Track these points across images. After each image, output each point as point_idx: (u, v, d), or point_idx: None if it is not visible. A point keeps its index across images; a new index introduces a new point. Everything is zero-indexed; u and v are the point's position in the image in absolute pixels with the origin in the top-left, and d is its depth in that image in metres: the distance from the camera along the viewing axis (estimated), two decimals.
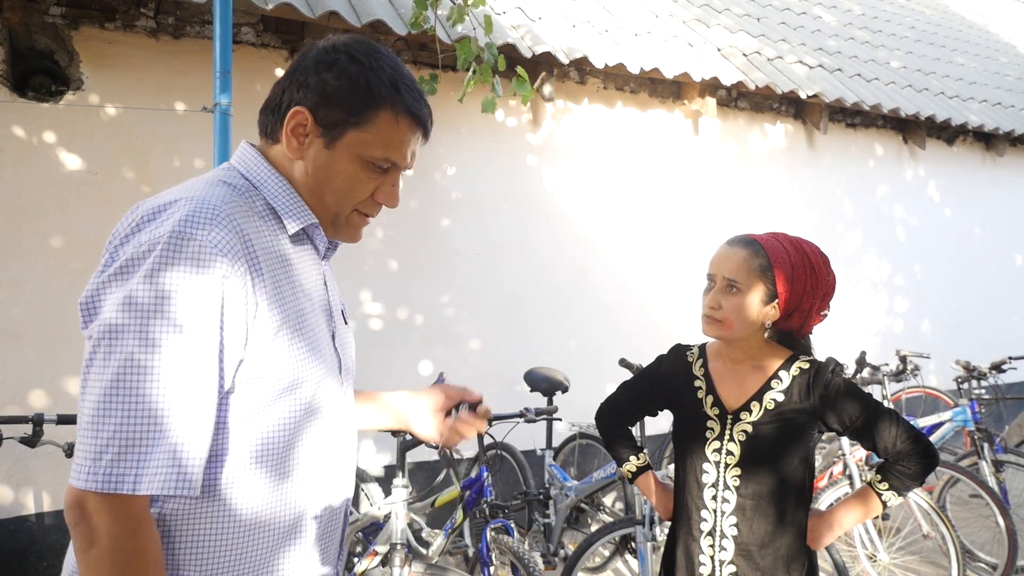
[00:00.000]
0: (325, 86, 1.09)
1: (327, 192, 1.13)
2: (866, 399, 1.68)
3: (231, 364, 1.01)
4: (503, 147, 4.61)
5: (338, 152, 1.10)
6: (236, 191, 1.08)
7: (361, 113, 1.09)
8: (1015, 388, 6.35)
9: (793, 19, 6.89)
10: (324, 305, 1.18)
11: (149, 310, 0.94)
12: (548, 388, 3.84)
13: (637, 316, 5.02)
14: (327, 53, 1.11)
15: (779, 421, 1.67)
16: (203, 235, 0.97)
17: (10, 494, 3.33)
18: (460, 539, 3.45)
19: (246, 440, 1.05)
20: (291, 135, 1.10)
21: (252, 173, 1.13)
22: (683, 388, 1.79)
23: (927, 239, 6.51)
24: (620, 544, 3.46)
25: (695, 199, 5.29)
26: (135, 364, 0.93)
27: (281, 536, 1.10)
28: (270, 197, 1.11)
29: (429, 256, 4.35)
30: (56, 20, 3.44)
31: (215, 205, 1.01)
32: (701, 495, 1.72)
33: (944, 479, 4.08)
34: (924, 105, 6.08)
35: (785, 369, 1.71)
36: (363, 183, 1.13)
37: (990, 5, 11.07)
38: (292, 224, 1.11)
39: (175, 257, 0.96)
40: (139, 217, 1.01)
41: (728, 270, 1.68)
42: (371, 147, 1.11)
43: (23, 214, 3.37)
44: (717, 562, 1.70)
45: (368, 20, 3.76)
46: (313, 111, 1.09)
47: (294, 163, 1.12)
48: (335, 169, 1.11)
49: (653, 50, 4.95)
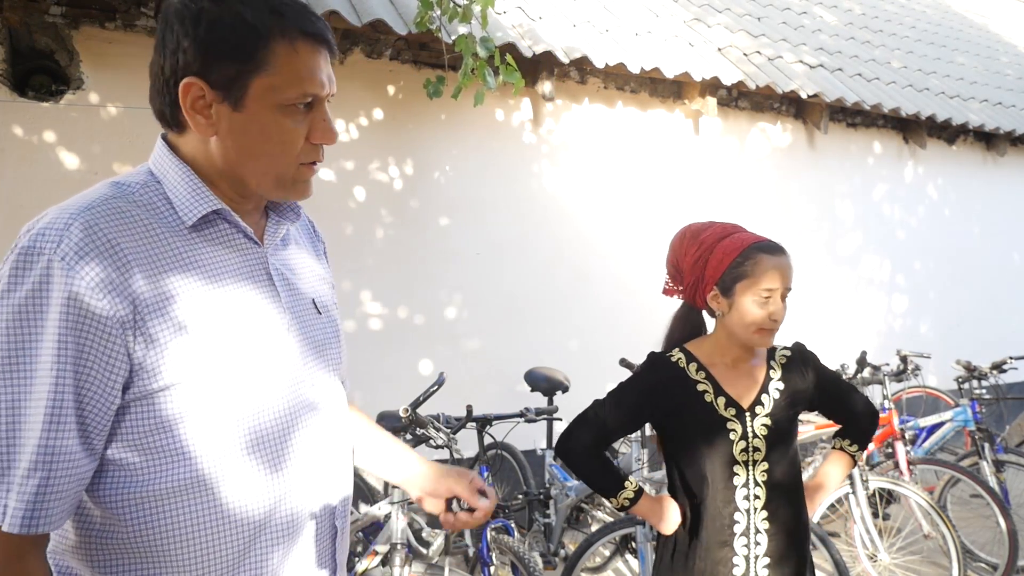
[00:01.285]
0: (201, 43, 0.95)
1: (260, 158, 1.00)
2: (835, 373, 1.92)
3: (108, 378, 0.92)
4: (503, 147, 4.61)
5: (249, 110, 0.98)
6: (124, 189, 0.99)
7: (253, 57, 0.96)
8: (1016, 388, 6.35)
9: (793, 19, 6.89)
10: (268, 295, 1.07)
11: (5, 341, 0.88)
12: (548, 388, 3.84)
13: (637, 316, 5.02)
14: (187, 6, 0.96)
15: (786, 408, 1.74)
16: (52, 247, 0.89)
17: None
18: (460, 539, 3.44)
19: (196, 444, 0.98)
20: (193, 112, 0.97)
21: (157, 167, 1.03)
22: (685, 396, 1.73)
23: (928, 239, 6.51)
24: (620, 544, 3.46)
25: (696, 199, 5.28)
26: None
27: (249, 538, 1.03)
28: (168, 189, 1.01)
29: (429, 256, 4.35)
30: (56, 20, 3.44)
31: (72, 214, 0.93)
32: (733, 497, 1.70)
33: (945, 479, 4.08)
34: (924, 105, 6.08)
35: (772, 359, 1.80)
36: (292, 131, 1.00)
37: (991, 5, 11.07)
38: (189, 215, 1.00)
39: (22, 276, 0.89)
40: (20, 235, 0.95)
41: (789, 279, 1.73)
42: (282, 89, 0.98)
43: (23, 214, 3.36)
44: (752, 559, 1.70)
45: (368, 20, 3.75)
46: (202, 76, 0.95)
47: (208, 142, 1.00)
48: (256, 129, 0.99)
49: (653, 50, 4.95)
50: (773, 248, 1.72)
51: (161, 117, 1.03)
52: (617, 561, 3.87)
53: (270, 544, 1.06)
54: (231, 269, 1.04)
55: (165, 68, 0.97)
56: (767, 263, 1.69)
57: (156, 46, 0.99)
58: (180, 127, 1.01)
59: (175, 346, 0.95)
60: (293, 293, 1.12)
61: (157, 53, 0.99)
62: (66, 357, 0.89)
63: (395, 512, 2.69)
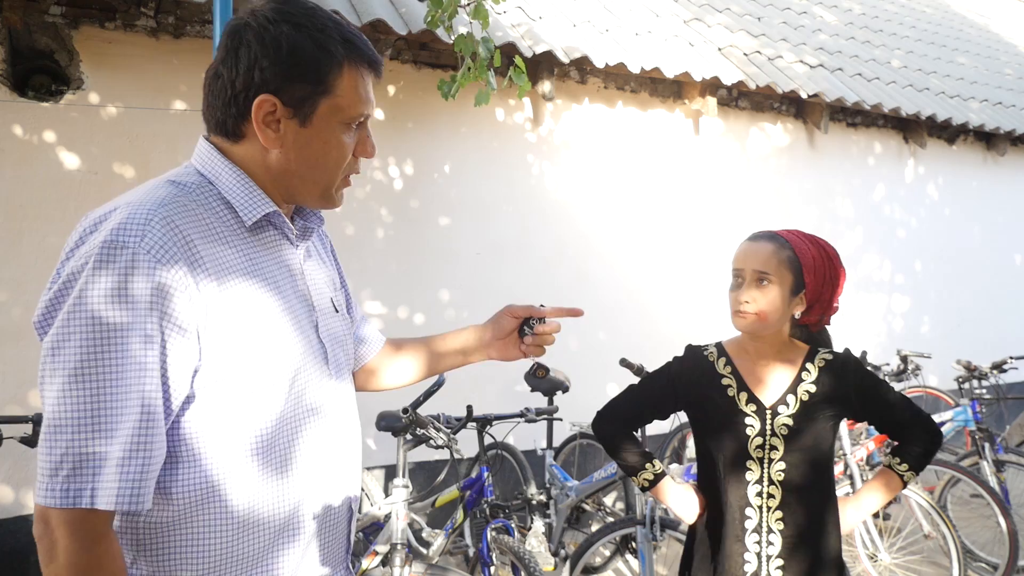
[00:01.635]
0: (281, 65, 1.02)
1: (317, 169, 1.09)
2: (884, 385, 1.80)
3: (184, 370, 0.98)
4: (504, 146, 4.61)
5: (315, 127, 1.06)
6: (184, 189, 1.04)
7: (324, 80, 1.05)
8: (1016, 388, 6.35)
9: (794, 18, 6.89)
10: (301, 295, 1.14)
11: (88, 326, 0.92)
12: (549, 388, 3.84)
13: (638, 316, 5.02)
14: (267, 29, 1.03)
15: (814, 412, 1.71)
16: (136, 242, 0.94)
17: (10, 494, 3.33)
18: (461, 539, 3.45)
19: (229, 441, 1.03)
20: (263, 126, 1.05)
21: (207, 168, 1.08)
22: (710, 388, 1.76)
23: (928, 238, 6.51)
24: (621, 544, 3.46)
25: (696, 199, 5.28)
26: (79, 380, 0.92)
27: (275, 535, 1.08)
28: (224, 191, 1.07)
29: (429, 255, 4.35)
30: (56, 20, 3.44)
31: (150, 209, 0.98)
32: (746, 493, 1.72)
33: (945, 479, 4.08)
34: (925, 105, 6.08)
35: (810, 361, 1.75)
36: (347, 147, 1.10)
37: (991, 5, 11.07)
38: (248, 216, 1.07)
39: (109, 268, 0.93)
40: (83, 229, 0.99)
41: (758, 263, 1.69)
42: (345, 110, 1.07)
43: (23, 214, 3.37)
44: (764, 558, 1.70)
45: (368, 20, 3.75)
46: (277, 94, 1.03)
47: (269, 152, 1.07)
48: (318, 144, 1.07)
49: (654, 49, 4.95)
50: (757, 235, 1.76)
51: (219, 126, 1.08)
52: (617, 561, 3.87)
53: (292, 541, 1.10)
54: (275, 269, 1.10)
55: (237, 83, 1.03)
56: (741, 246, 1.75)
57: (224, 60, 1.05)
58: (238, 136, 1.08)
59: (232, 341, 1.01)
60: (318, 293, 1.19)
61: (226, 68, 1.04)
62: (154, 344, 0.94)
63: (395, 512, 2.69)
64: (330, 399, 1.16)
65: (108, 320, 0.92)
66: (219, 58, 1.05)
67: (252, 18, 1.04)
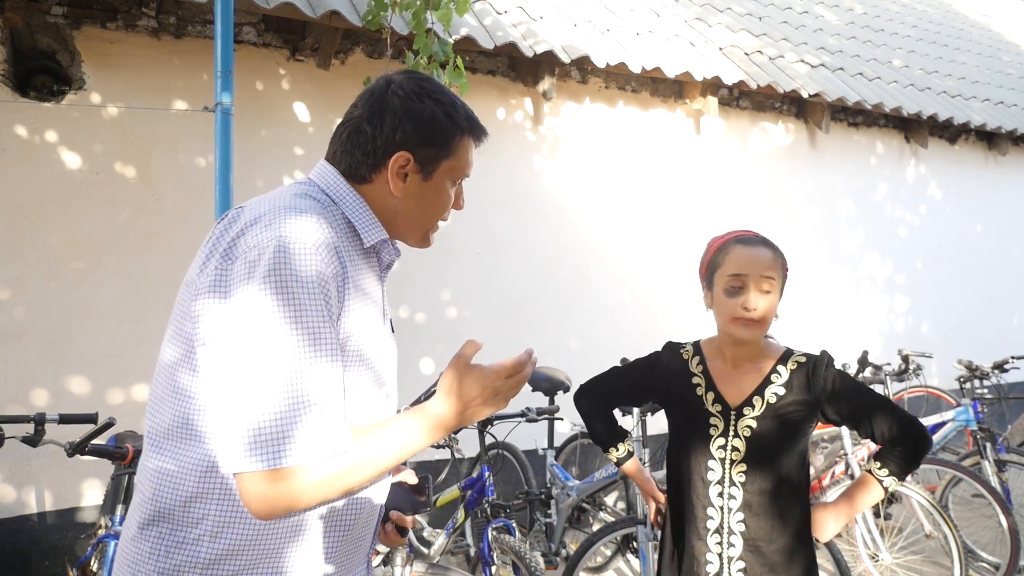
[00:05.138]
0: (422, 130, 1.22)
1: (426, 215, 1.29)
2: (862, 388, 1.75)
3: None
4: (504, 146, 4.61)
5: (434, 181, 1.26)
6: (319, 203, 1.20)
7: (450, 145, 1.25)
8: (1017, 387, 6.34)
9: (795, 18, 6.88)
10: (382, 315, 1.29)
11: (280, 306, 1.04)
12: (549, 388, 3.84)
13: (638, 315, 5.02)
14: (413, 100, 1.23)
15: (781, 415, 1.68)
16: (307, 238, 1.08)
17: (12, 493, 3.34)
18: (462, 539, 3.44)
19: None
20: (395, 177, 1.23)
21: (332, 189, 1.24)
22: (681, 386, 1.79)
23: (929, 238, 6.50)
24: (622, 544, 3.46)
25: (697, 198, 5.28)
26: (285, 355, 1.03)
27: (321, 532, 1.17)
28: (348, 212, 1.23)
29: (430, 255, 4.34)
30: (58, 20, 3.44)
31: (308, 212, 1.13)
32: (707, 493, 1.72)
33: (946, 479, 4.07)
34: (926, 104, 6.08)
35: (782, 364, 1.73)
36: (449, 199, 1.31)
37: (992, 4, 11.05)
38: (368, 238, 1.23)
39: (288, 257, 1.06)
40: (241, 225, 1.12)
41: (764, 269, 1.67)
42: (458, 170, 1.28)
43: (25, 214, 3.37)
44: (726, 559, 1.70)
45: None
46: (413, 152, 1.22)
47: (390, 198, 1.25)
48: (433, 196, 1.27)
49: (654, 49, 4.95)
50: (750, 239, 1.72)
51: (352, 169, 1.25)
52: (618, 561, 3.87)
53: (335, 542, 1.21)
54: (374, 289, 1.26)
55: (379, 139, 1.22)
56: (738, 251, 1.70)
57: (368, 119, 1.23)
58: (366, 181, 1.25)
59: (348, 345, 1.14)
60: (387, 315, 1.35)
61: (371, 125, 1.23)
62: (331, 332, 1.09)
63: None
64: (382, 412, 1.27)
65: (297, 302, 1.05)
66: (362, 115, 1.24)
67: (399, 88, 1.24)
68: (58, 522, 3.41)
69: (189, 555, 1.09)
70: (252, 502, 1.02)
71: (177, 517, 1.10)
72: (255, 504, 1.02)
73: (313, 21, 3.73)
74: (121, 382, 3.53)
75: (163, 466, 1.11)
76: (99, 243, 3.50)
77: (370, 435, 1.12)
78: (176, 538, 1.09)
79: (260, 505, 1.02)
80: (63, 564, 3.42)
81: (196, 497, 1.09)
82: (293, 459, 1.01)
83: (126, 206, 3.56)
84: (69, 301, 3.43)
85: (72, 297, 3.43)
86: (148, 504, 1.12)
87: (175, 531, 1.10)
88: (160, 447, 1.12)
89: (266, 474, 1.01)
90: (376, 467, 1.12)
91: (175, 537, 1.10)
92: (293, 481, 1.02)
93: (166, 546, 1.10)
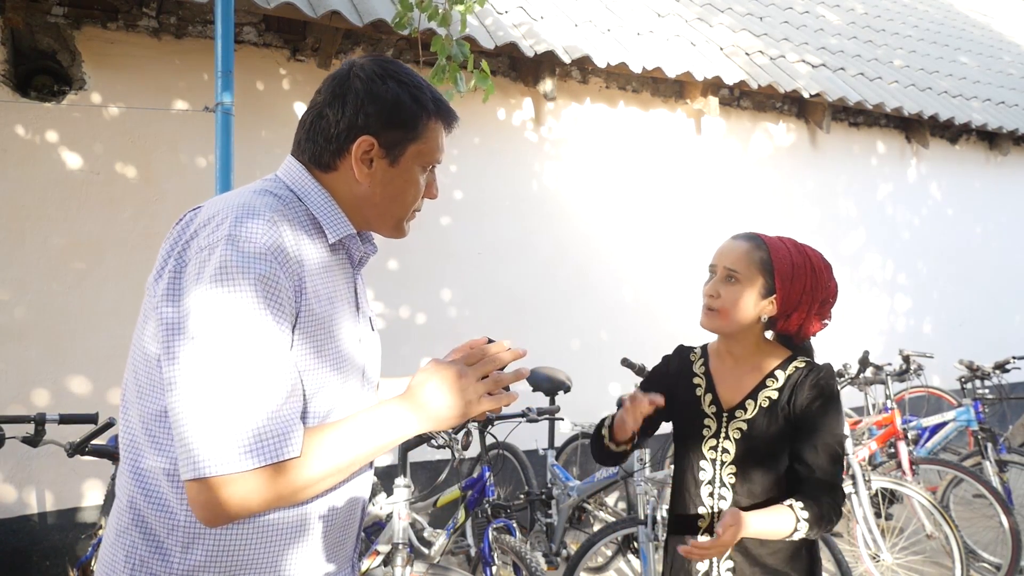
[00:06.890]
0: (384, 114, 1.18)
1: (396, 203, 1.24)
2: (829, 425, 1.63)
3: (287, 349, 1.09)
4: (505, 146, 4.61)
5: (402, 167, 1.22)
6: (280, 200, 1.16)
7: (417, 128, 1.21)
8: (1018, 388, 6.33)
9: (796, 18, 6.88)
10: (354, 312, 1.25)
11: (232, 305, 1.02)
12: (550, 388, 3.84)
13: (639, 315, 5.02)
14: (375, 82, 1.19)
15: (773, 419, 1.67)
16: (256, 238, 1.06)
17: (13, 493, 3.34)
18: (462, 539, 3.44)
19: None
20: (360, 163, 1.19)
21: (296, 185, 1.21)
22: (683, 387, 1.80)
23: (930, 238, 6.50)
24: (622, 544, 3.46)
25: (697, 198, 5.28)
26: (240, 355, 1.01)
27: (295, 536, 1.15)
28: (313, 208, 1.19)
29: (430, 255, 4.35)
30: (58, 20, 3.44)
31: (261, 212, 1.10)
32: (698, 492, 1.73)
33: (947, 479, 4.07)
34: (927, 104, 6.07)
35: (782, 368, 1.71)
36: (420, 186, 1.27)
37: (993, 4, 11.05)
38: (333, 234, 1.19)
39: (235, 257, 1.03)
40: (195, 227, 1.10)
41: (729, 261, 1.71)
42: (427, 155, 1.24)
43: (25, 214, 3.37)
44: (715, 559, 1.70)
45: (370, 20, 3.76)
46: (377, 136, 1.18)
47: (356, 184, 1.21)
48: (401, 182, 1.23)
49: (655, 49, 4.94)
50: (739, 234, 1.78)
51: (315, 157, 1.21)
52: (619, 561, 3.86)
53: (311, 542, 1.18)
54: (342, 285, 1.23)
55: (341, 123, 1.18)
56: (721, 243, 1.77)
57: (330, 104, 1.19)
58: (331, 168, 1.21)
59: (305, 347, 1.11)
60: (363, 312, 1.31)
61: (332, 110, 1.19)
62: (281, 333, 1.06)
63: (397, 512, 2.69)
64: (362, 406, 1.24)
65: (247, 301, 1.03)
66: (324, 101, 1.20)
67: (360, 70, 1.20)
68: (58, 522, 3.42)
69: (161, 566, 1.08)
70: (195, 509, 1.01)
71: (149, 526, 1.09)
72: (197, 511, 1.01)
73: (314, 21, 3.73)
74: (121, 382, 3.53)
75: (136, 471, 1.11)
76: (100, 243, 3.50)
77: (325, 432, 1.09)
78: (149, 548, 1.09)
79: (202, 512, 1.00)
80: (64, 564, 3.42)
81: (166, 507, 1.08)
82: (233, 465, 0.98)
83: (127, 206, 3.56)
84: (70, 301, 3.43)
85: (73, 297, 3.44)
86: (126, 512, 1.11)
87: (147, 540, 1.09)
88: (133, 451, 1.12)
89: (209, 482, 0.99)
90: (334, 465, 1.08)
91: (148, 546, 1.09)
92: (236, 487, 0.99)
93: (140, 555, 1.09)
